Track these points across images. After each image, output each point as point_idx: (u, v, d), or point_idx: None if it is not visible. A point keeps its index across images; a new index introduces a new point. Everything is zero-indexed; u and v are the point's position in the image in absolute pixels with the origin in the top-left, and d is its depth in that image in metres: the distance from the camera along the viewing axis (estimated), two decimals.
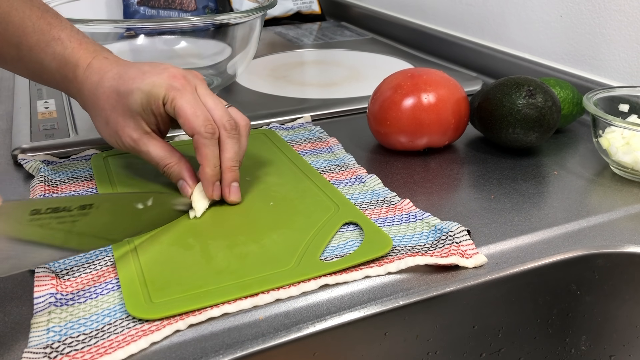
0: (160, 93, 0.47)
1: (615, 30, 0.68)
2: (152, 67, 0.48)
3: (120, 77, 0.48)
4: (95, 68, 0.49)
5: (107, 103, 0.48)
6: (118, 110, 0.48)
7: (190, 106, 0.47)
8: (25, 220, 0.36)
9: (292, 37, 1.08)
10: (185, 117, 0.46)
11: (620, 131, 0.54)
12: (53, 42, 0.49)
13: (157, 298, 0.37)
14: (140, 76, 0.47)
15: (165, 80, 0.47)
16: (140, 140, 0.48)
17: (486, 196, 0.52)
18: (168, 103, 0.47)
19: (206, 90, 0.49)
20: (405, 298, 0.39)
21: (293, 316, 0.38)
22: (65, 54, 0.49)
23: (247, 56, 0.74)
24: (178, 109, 0.47)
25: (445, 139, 0.59)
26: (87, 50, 0.50)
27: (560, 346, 0.47)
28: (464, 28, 0.92)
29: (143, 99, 0.47)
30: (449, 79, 0.59)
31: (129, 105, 0.47)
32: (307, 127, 0.66)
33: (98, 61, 0.49)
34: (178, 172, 0.49)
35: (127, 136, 0.48)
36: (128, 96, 0.47)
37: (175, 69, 0.49)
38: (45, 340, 0.35)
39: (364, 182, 0.53)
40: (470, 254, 0.43)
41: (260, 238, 0.44)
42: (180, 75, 0.48)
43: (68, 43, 0.49)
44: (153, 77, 0.47)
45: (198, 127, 0.46)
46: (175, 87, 0.47)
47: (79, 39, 0.50)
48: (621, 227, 0.47)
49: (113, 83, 0.48)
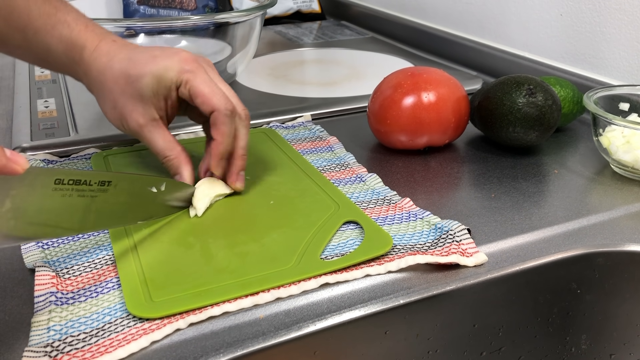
0: (173, 77, 0.47)
1: (615, 28, 0.68)
2: (163, 51, 0.48)
3: (131, 59, 0.48)
4: (103, 50, 0.49)
5: (116, 86, 0.48)
6: (127, 93, 0.48)
7: (206, 85, 0.47)
8: (50, 188, 0.37)
9: (292, 36, 1.08)
10: (203, 95, 0.47)
11: (620, 130, 0.54)
12: (59, 25, 0.49)
13: (158, 297, 0.37)
14: (151, 60, 0.47)
15: (177, 63, 0.47)
16: (146, 127, 0.48)
17: (486, 195, 0.52)
18: (182, 85, 0.47)
19: (217, 76, 0.50)
20: (405, 297, 0.39)
21: (293, 315, 0.38)
22: (72, 36, 0.49)
23: (247, 55, 0.74)
24: (194, 88, 0.47)
25: (446, 137, 0.59)
26: (94, 32, 0.50)
27: (561, 345, 0.47)
28: (464, 27, 0.92)
29: (154, 83, 0.47)
30: (449, 77, 0.59)
31: (139, 89, 0.47)
32: (307, 126, 0.66)
33: (106, 44, 0.49)
34: (177, 166, 0.49)
35: (133, 121, 0.48)
36: (139, 80, 0.47)
37: (186, 53, 0.49)
38: (46, 339, 0.35)
39: (364, 181, 0.53)
40: (471, 252, 0.43)
41: (261, 237, 0.44)
42: (191, 59, 0.48)
43: (74, 26, 0.49)
44: (165, 61, 0.47)
45: (218, 104, 0.47)
46: (187, 69, 0.47)
47: (85, 22, 0.50)
48: (621, 226, 0.47)
49: (123, 65, 0.48)
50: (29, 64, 0.89)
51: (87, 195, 0.40)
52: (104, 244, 0.44)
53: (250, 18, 0.69)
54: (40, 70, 0.85)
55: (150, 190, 0.45)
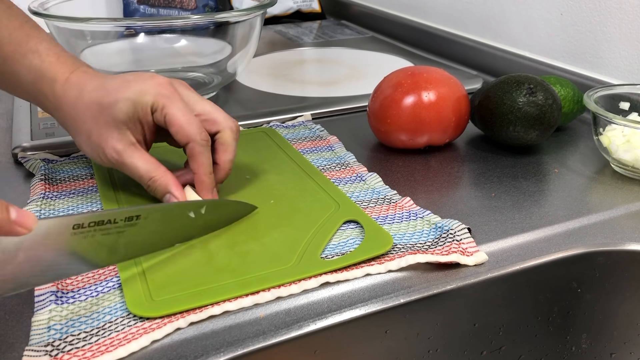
0: (149, 100, 0.45)
1: (615, 28, 0.68)
2: (136, 76, 0.47)
3: (103, 88, 0.46)
4: (73, 82, 0.47)
5: (88, 115, 0.46)
6: (100, 121, 0.46)
7: (182, 114, 0.45)
8: (68, 234, 0.35)
9: (292, 35, 1.08)
10: (178, 125, 0.45)
11: (620, 129, 0.54)
12: (30, 55, 0.47)
13: (158, 296, 0.37)
14: (125, 85, 0.46)
15: (153, 87, 0.46)
16: (125, 152, 0.46)
17: (487, 194, 0.52)
18: (158, 111, 0.45)
19: (196, 96, 0.48)
20: (406, 296, 0.39)
21: (294, 314, 0.38)
22: (42, 67, 0.47)
23: (248, 54, 0.74)
24: (170, 117, 0.45)
25: (446, 137, 0.59)
26: (65, 64, 0.48)
27: (561, 344, 0.47)
28: (464, 26, 0.92)
29: (129, 108, 0.45)
30: (450, 76, 0.59)
31: (113, 115, 0.45)
32: (307, 125, 0.66)
33: (76, 75, 0.47)
34: (165, 185, 0.46)
35: (110, 148, 0.46)
36: (112, 106, 0.45)
37: (160, 77, 0.47)
38: (47, 338, 0.35)
39: (365, 180, 0.53)
40: (471, 251, 0.43)
41: (261, 236, 0.44)
42: (167, 83, 0.47)
43: (45, 56, 0.48)
44: (140, 85, 0.46)
45: (194, 135, 0.45)
46: (164, 94, 0.45)
47: (57, 52, 0.48)
48: (622, 225, 0.47)
49: (94, 95, 0.46)
50: None
51: (112, 233, 0.38)
52: None
53: (250, 17, 0.69)
54: None
55: (188, 215, 0.43)
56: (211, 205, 0.44)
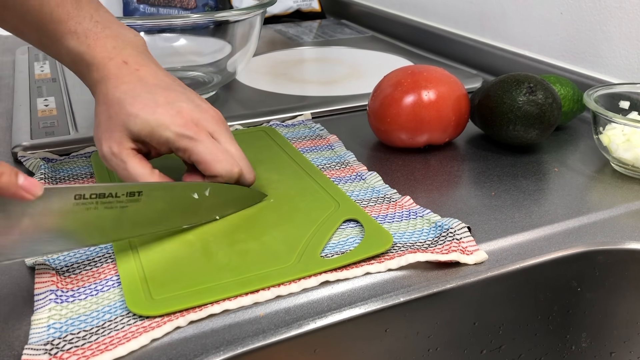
0: (167, 136, 0.44)
1: (615, 27, 0.67)
2: (166, 102, 0.45)
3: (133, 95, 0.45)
4: (111, 74, 0.46)
5: (108, 110, 0.45)
6: (113, 120, 0.45)
7: (208, 152, 0.45)
8: (70, 203, 0.37)
9: (292, 34, 1.08)
10: (206, 162, 0.44)
11: (620, 128, 0.54)
12: (68, 36, 0.47)
13: (158, 295, 0.37)
14: (151, 106, 0.45)
15: (175, 125, 0.44)
16: (120, 154, 0.45)
17: (486, 193, 0.52)
18: (180, 151, 0.45)
19: (226, 136, 0.47)
20: (405, 295, 0.39)
21: (294, 313, 0.38)
22: (79, 50, 0.47)
23: (247, 54, 0.74)
24: (196, 155, 0.45)
25: (446, 136, 0.59)
26: (104, 48, 0.47)
27: (561, 343, 0.47)
28: (464, 25, 0.92)
29: (145, 129, 0.44)
30: (450, 76, 0.59)
31: (127, 124, 0.44)
32: (307, 124, 0.66)
33: (115, 66, 0.46)
34: None
35: (107, 146, 0.45)
36: (131, 118, 0.44)
37: (189, 111, 0.45)
38: (46, 336, 0.35)
39: (364, 179, 0.53)
40: (471, 250, 0.43)
41: (261, 235, 0.44)
42: (192, 122, 0.45)
43: (84, 39, 0.47)
44: (163, 117, 0.44)
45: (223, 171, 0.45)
46: (186, 135, 0.44)
47: (96, 33, 0.47)
48: (622, 224, 0.47)
49: (123, 97, 0.45)
50: (28, 62, 0.89)
51: (115, 207, 0.39)
52: None
53: (250, 16, 0.69)
54: (40, 69, 0.85)
55: (192, 196, 0.44)
56: (216, 188, 0.45)
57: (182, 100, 0.46)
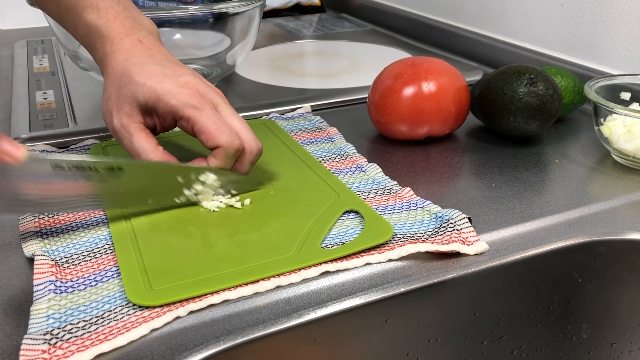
0: (173, 104, 0.45)
1: (616, 18, 0.67)
2: (174, 73, 0.47)
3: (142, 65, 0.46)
4: (125, 48, 0.48)
5: (118, 81, 0.47)
6: (122, 91, 0.46)
7: (212, 121, 0.45)
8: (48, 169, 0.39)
9: (291, 28, 1.08)
10: (208, 132, 0.45)
11: (621, 119, 0.54)
12: (89, 9, 0.48)
13: (157, 285, 0.37)
14: (159, 76, 0.46)
15: (181, 95, 0.46)
16: (129, 126, 0.46)
17: (487, 184, 0.52)
18: (184, 120, 0.46)
19: (229, 109, 0.48)
20: (406, 285, 0.39)
21: (294, 303, 0.37)
22: (98, 23, 0.48)
23: (247, 47, 0.74)
24: (199, 125, 0.45)
25: (446, 127, 0.59)
26: (122, 24, 0.49)
27: (562, 334, 0.47)
28: (464, 18, 0.91)
29: (152, 97, 0.45)
30: (450, 67, 0.59)
31: (135, 93, 0.46)
32: (307, 117, 0.66)
33: (130, 42, 0.48)
34: None
35: (117, 118, 0.46)
36: (138, 86, 0.46)
37: (194, 84, 0.47)
38: (45, 327, 0.35)
39: (365, 171, 0.53)
40: (472, 241, 0.42)
41: (261, 226, 0.44)
42: (197, 93, 0.46)
43: (104, 14, 0.49)
44: (170, 86, 0.46)
45: (224, 142, 0.45)
46: (192, 104, 0.45)
47: (117, 11, 0.49)
48: (622, 215, 0.47)
49: (132, 68, 0.46)
50: (27, 56, 0.89)
51: (94, 180, 0.40)
52: (103, 233, 0.44)
53: (249, 9, 0.69)
54: (39, 63, 0.85)
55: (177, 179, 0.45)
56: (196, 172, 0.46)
57: (188, 74, 0.48)
